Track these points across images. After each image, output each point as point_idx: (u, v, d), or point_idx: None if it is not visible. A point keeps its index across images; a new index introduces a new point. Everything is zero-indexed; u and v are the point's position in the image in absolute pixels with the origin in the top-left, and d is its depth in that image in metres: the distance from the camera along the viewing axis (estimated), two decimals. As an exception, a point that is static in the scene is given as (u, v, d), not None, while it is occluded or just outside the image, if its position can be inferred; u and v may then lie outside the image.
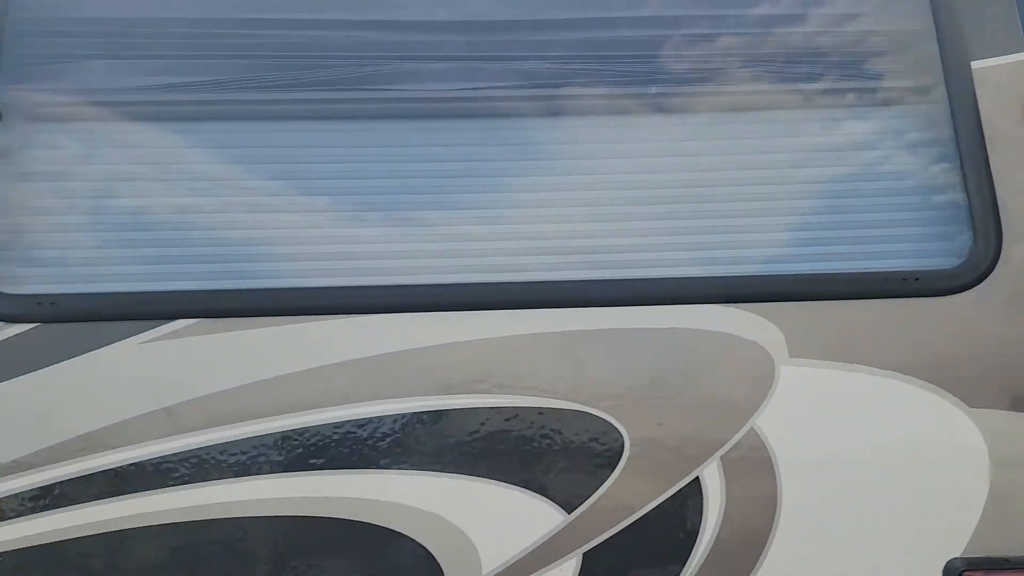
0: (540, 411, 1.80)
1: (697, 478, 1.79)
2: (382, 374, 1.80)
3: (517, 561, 1.76)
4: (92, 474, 1.75)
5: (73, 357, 1.80)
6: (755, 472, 1.79)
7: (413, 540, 1.76)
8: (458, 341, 1.81)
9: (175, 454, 1.77)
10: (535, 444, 1.80)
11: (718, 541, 1.77)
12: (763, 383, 1.83)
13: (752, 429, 1.81)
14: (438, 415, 1.80)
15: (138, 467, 1.76)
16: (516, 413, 1.80)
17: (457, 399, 1.80)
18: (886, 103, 2.05)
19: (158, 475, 1.75)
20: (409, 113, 1.99)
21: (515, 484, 1.79)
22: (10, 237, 1.87)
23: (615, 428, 1.81)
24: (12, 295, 1.81)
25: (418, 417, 1.79)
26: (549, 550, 1.76)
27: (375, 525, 1.76)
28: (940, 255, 1.92)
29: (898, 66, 2.07)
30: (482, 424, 1.80)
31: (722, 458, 1.80)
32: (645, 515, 1.78)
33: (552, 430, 1.80)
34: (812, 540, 1.77)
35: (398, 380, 1.80)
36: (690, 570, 1.76)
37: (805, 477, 1.79)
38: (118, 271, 1.87)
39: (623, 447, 1.80)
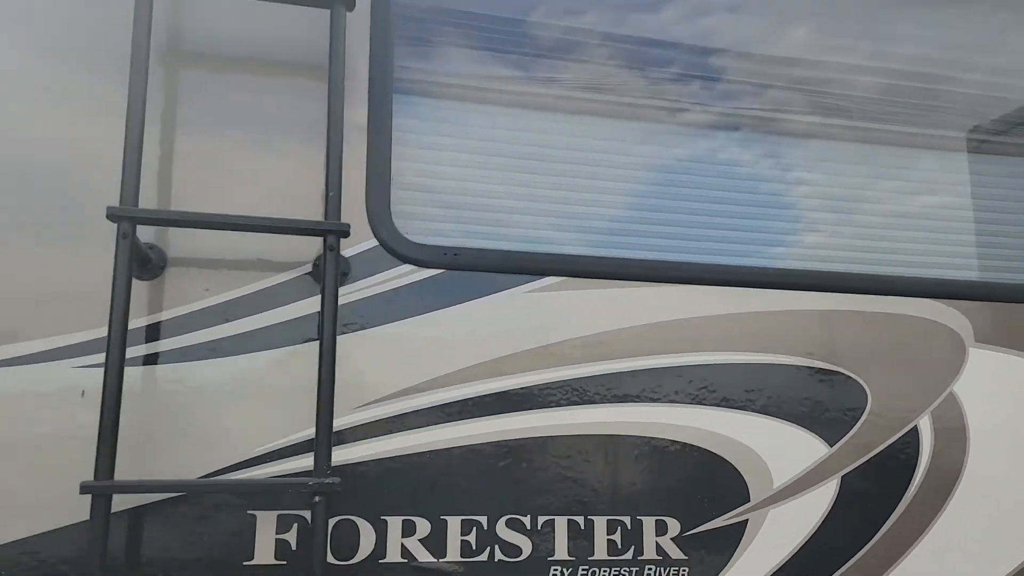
0: (811, 370, 2.40)
1: (915, 426, 2.44)
2: (707, 333, 2.34)
3: (796, 480, 2.34)
4: (483, 395, 2.18)
5: (471, 300, 2.22)
6: (953, 423, 2.47)
7: (725, 459, 2.30)
8: (762, 311, 2.38)
9: (546, 383, 2.23)
10: (807, 393, 2.39)
11: (929, 470, 2.43)
12: (957, 360, 2.51)
13: (951, 393, 2.49)
14: (741, 367, 2.36)
15: (518, 392, 2.20)
16: (796, 369, 2.39)
17: (754, 356, 2.37)
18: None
19: (534, 398, 2.21)
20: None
21: (794, 422, 2.37)
22: (424, 196, 2.27)
23: (861, 385, 2.43)
24: (425, 245, 2.21)
25: (727, 368, 2.34)
26: (817, 472, 2.36)
27: (697, 446, 2.29)
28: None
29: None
30: (770, 375, 2.37)
31: (931, 412, 2.46)
32: (882, 451, 2.41)
33: (820, 383, 2.40)
34: (992, 468, 2.46)
35: (719, 338, 2.34)
36: (911, 489, 2.40)
37: (989, 429, 2.48)
38: (506, 232, 2.32)
39: (867, 399, 2.42)
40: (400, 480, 2.08)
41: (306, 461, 2.01)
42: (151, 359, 1.98)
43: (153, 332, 1.99)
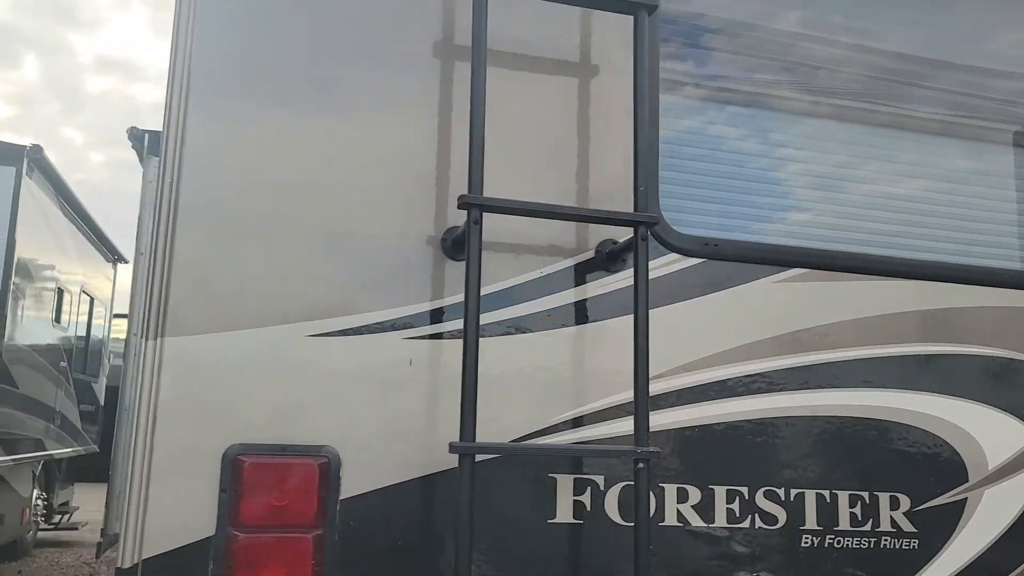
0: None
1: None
2: (934, 325, 2.53)
3: (1008, 463, 2.54)
4: (740, 376, 2.37)
5: (726, 288, 2.41)
6: None
7: (947, 442, 2.51)
8: (988, 306, 2.58)
9: (794, 367, 2.42)
10: (1011, 382, 2.59)
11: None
12: None
13: None
14: (961, 357, 2.55)
15: (770, 374, 2.40)
16: (1009, 362, 2.59)
17: (974, 348, 2.57)
18: None
19: (784, 381, 2.40)
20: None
21: (1006, 410, 2.57)
22: (686, 190, 2.45)
23: (1060, 377, 2.63)
24: (690, 235, 2.40)
25: (949, 358, 2.54)
26: (1026, 457, 2.57)
27: (924, 429, 2.49)
28: None
29: None
30: (987, 367, 2.57)
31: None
32: (1081, 439, 2.62)
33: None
34: None
35: (946, 330, 2.54)
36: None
37: None
38: (757, 226, 2.51)
39: (1066, 391, 2.63)
40: (673, 452, 2.27)
41: (588, 431, 2.20)
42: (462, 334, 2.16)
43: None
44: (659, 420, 2.27)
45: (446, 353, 2.14)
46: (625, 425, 2.25)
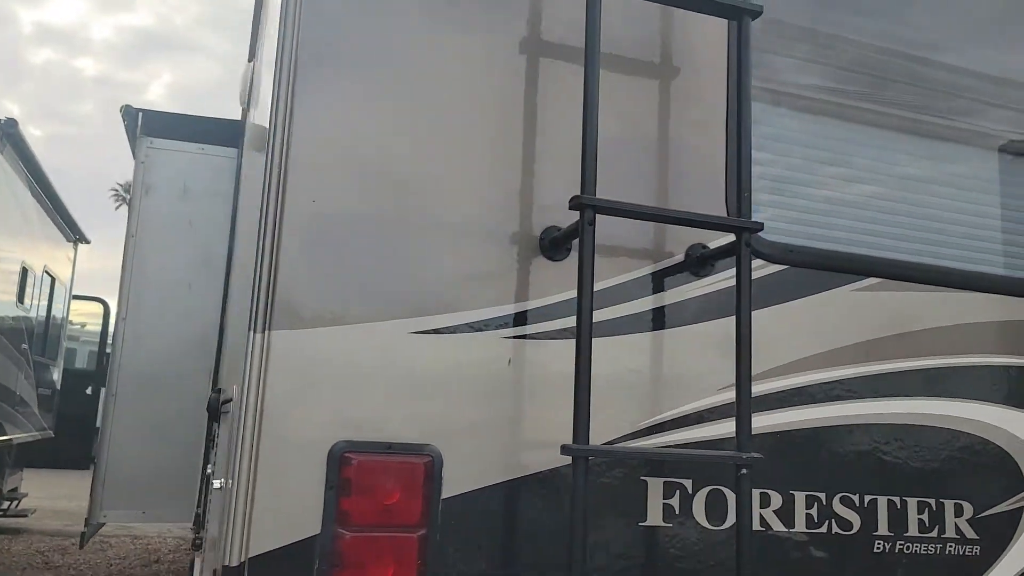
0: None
1: None
2: (1004, 338, 2.59)
3: (1062, 473, 2.62)
4: (817, 383, 2.40)
5: (807, 295, 2.43)
6: None
7: (1007, 452, 2.57)
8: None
9: (869, 375, 2.46)
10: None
11: None
12: None
13: None
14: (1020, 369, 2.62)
15: (846, 381, 2.43)
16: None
17: None
18: None
19: (859, 388, 2.44)
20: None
21: (1057, 419, 2.65)
22: (771, 198, 2.47)
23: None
24: (775, 242, 2.42)
25: (1012, 369, 2.61)
26: (1079, 468, 2.64)
27: (985, 439, 2.55)
28: None
29: None
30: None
31: None
32: None
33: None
34: None
35: (1012, 344, 2.60)
36: None
37: None
38: (835, 235, 2.54)
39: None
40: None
41: (677, 435, 2.21)
42: (559, 334, 2.15)
43: (563, 309, 2.16)
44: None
45: (542, 353, 2.13)
46: (711, 430, 2.27)
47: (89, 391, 13.43)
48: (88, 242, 12.38)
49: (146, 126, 5.95)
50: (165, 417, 5.74)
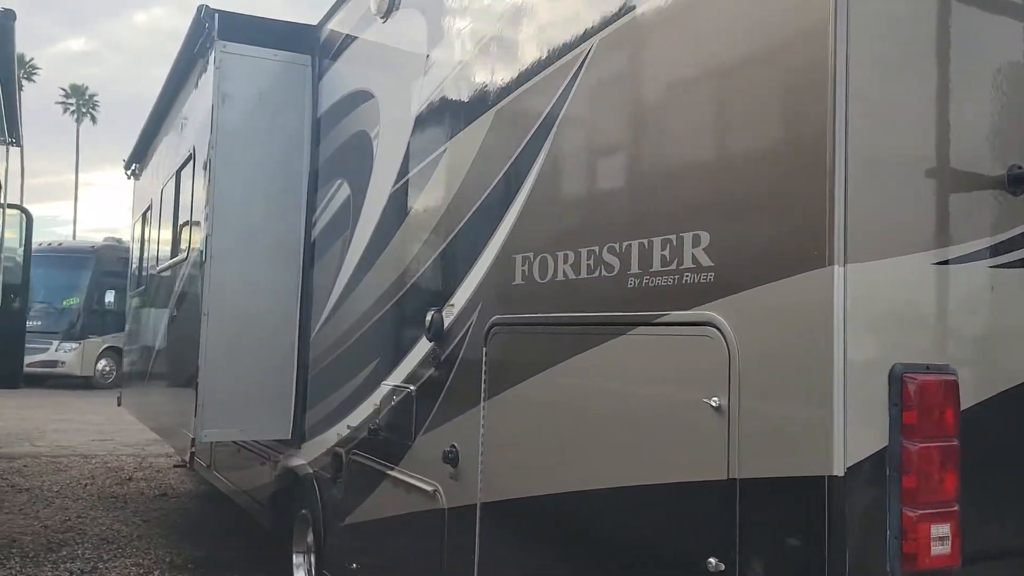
0: None
1: None
2: None
3: None
4: None
5: None
6: None
7: None
8: None
9: None
10: None
11: None
12: None
13: None
14: None
15: None
16: None
17: None
18: None
19: None
20: None
21: None
22: None
23: None
24: None
25: None
26: None
27: None
28: None
29: None
30: None
31: None
32: None
33: None
34: None
35: None
36: None
37: None
38: None
39: None
40: None
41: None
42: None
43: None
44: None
45: (1013, 280, 2.39)
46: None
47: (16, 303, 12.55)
48: (20, 146, 11.40)
49: (223, 30, 5.64)
50: (257, 333, 5.66)
